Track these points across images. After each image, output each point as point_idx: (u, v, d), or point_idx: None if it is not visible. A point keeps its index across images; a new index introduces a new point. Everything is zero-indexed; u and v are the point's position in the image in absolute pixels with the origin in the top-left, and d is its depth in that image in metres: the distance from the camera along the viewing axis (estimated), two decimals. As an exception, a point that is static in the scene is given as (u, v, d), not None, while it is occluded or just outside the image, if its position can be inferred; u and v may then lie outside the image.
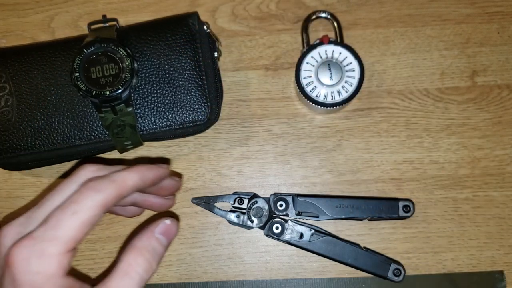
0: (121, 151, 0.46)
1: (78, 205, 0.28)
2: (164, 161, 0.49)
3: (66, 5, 0.51)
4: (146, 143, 0.47)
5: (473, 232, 0.47)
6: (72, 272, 0.29)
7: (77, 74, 0.42)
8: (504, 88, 0.48)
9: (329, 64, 0.44)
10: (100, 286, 0.28)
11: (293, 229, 0.46)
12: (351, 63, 0.45)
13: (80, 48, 0.42)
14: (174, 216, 0.48)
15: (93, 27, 0.46)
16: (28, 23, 0.51)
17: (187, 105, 0.44)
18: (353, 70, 0.44)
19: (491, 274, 0.46)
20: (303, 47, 0.48)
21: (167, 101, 0.44)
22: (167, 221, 0.31)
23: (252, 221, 0.46)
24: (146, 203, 0.39)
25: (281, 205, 0.46)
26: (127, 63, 0.42)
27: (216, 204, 0.47)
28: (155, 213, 0.44)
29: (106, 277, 0.29)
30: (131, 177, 0.31)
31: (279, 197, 0.46)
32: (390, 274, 0.45)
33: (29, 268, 0.27)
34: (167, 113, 0.44)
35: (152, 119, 0.44)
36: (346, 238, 0.47)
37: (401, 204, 0.45)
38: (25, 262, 0.27)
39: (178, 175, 0.47)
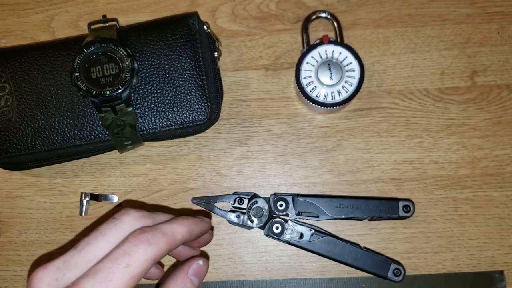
0: (121, 151, 0.46)
1: (131, 258, 0.26)
2: (206, 214, 0.47)
3: (66, 5, 0.51)
4: (146, 143, 0.47)
5: (473, 232, 0.47)
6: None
7: (77, 74, 0.42)
8: (504, 88, 0.48)
9: (329, 64, 0.44)
10: None
11: (293, 229, 0.46)
12: (351, 63, 0.45)
13: (80, 48, 0.42)
14: (204, 255, 0.47)
15: (93, 27, 0.46)
16: (28, 23, 0.51)
17: (187, 105, 0.44)
18: (353, 70, 0.44)
19: (491, 274, 0.46)
20: (303, 47, 0.48)
21: (167, 101, 0.44)
22: (200, 262, 0.31)
23: (252, 221, 0.46)
24: (174, 253, 0.36)
25: (281, 205, 0.46)
26: (127, 63, 0.42)
27: (216, 204, 0.47)
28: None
29: None
30: (181, 231, 0.30)
31: (279, 197, 0.46)
32: (390, 274, 0.45)
33: None
34: (167, 113, 0.44)
35: (152, 119, 0.44)
36: (346, 238, 0.47)
37: (401, 204, 0.45)
38: None
39: (211, 228, 0.44)
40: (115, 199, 0.48)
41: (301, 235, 0.45)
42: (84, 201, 0.48)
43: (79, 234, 0.48)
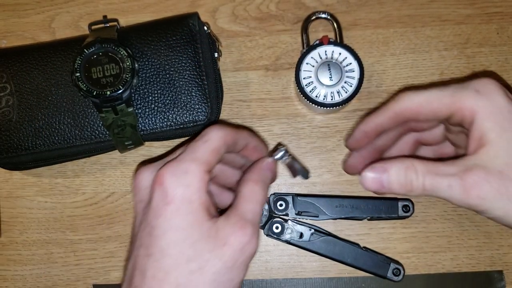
0: (121, 151, 0.46)
1: (207, 136, 0.34)
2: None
3: (67, 6, 0.51)
4: (146, 143, 0.47)
5: (472, 232, 0.47)
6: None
7: (78, 74, 0.42)
8: (503, 89, 0.48)
9: (329, 64, 0.45)
10: (233, 210, 0.34)
11: (293, 229, 0.46)
12: (350, 63, 0.45)
13: (81, 48, 0.43)
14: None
15: (93, 27, 0.46)
16: (29, 24, 0.51)
17: (188, 105, 0.44)
18: (353, 71, 0.45)
19: (490, 274, 0.46)
20: (303, 47, 0.48)
21: (167, 101, 0.44)
22: (269, 160, 0.39)
23: (252, 221, 0.46)
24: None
25: (281, 205, 0.46)
26: (128, 63, 0.42)
27: (216, 204, 0.47)
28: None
29: (231, 206, 0.34)
30: (245, 131, 0.38)
31: (279, 196, 0.46)
32: (389, 274, 0.45)
33: (180, 182, 0.32)
34: (168, 113, 0.44)
35: (153, 119, 0.44)
36: (346, 237, 0.47)
37: (400, 204, 0.46)
38: (175, 178, 0.32)
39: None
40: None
41: (301, 235, 0.46)
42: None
43: (79, 234, 0.48)
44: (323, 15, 0.48)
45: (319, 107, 0.44)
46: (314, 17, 0.48)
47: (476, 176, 0.32)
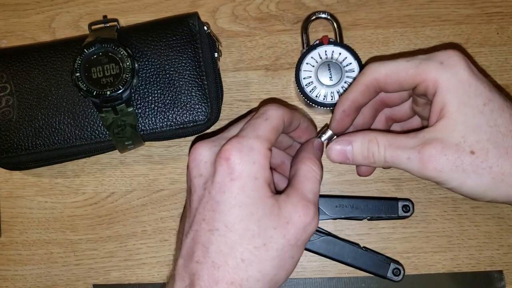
0: (121, 151, 0.46)
1: (267, 114, 0.35)
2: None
3: (67, 6, 0.51)
4: (146, 142, 0.47)
5: (472, 232, 0.47)
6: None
7: (78, 74, 0.42)
8: (503, 89, 0.48)
9: (329, 64, 0.45)
10: (294, 189, 0.34)
11: (293, 229, 0.46)
12: (350, 63, 0.45)
13: (81, 48, 0.43)
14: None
15: (93, 27, 0.46)
16: (29, 24, 0.51)
17: (188, 105, 0.44)
18: (353, 71, 0.45)
19: (490, 274, 0.46)
20: (303, 47, 0.48)
21: (167, 101, 0.44)
22: (319, 140, 0.40)
23: (252, 221, 0.46)
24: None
25: (281, 205, 0.46)
26: (128, 63, 0.42)
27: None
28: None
29: (290, 184, 0.35)
30: (298, 112, 0.38)
31: (279, 197, 0.46)
32: (389, 274, 0.45)
33: (247, 159, 0.32)
34: (168, 113, 0.44)
35: (153, 119, 0.44)
36: (346, 237, 0.47)
37: (400, 204, 0.45)
38: (241, 154, 0.32)
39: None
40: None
41: (301, 235, 0.46)
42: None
43: (79, 234, 0.48)
44: (323, 15, 0.48)
45: (319, 107, 0.44)
46: (314, 17, 0.48)
47: (433, 149, 0.33)
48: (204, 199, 0.33)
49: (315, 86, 0.45)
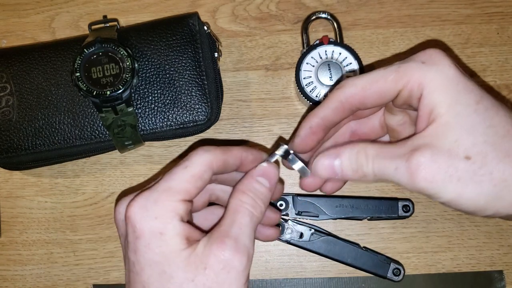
0: (121, 151, 0.46)
1: (189, 161, 0.31)
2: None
3: (67, 6, 0.51)
4: (146, 142, 0.47)
5: (472, 232, 0.47)
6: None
7: (78, 74, 0.42)
8: (503, 88, 0.48)
9: (329, 64, 0.45)
10: (216, 228, 0.31)
11: (293, 229, 0.46)
12: (351, 63, 0.45)
13: (81, 48, 0.43)
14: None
15: (93, 27, 0.46)
16: (29, 24, 0.51)
17: (188, 105, 0.44)
18: (353, 71, 0.45)
19: (490, 274, 0.46)
20: (303, 47, 0.48)
21: (167, 101, 0.44)
22: (264, 164, 0.34)
23: (252, 221, 0.46)
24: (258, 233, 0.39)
25: (281, 205, 0.46)
26: (128, 63, 0.42)
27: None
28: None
29: (219, 221, 0.31)
30: (237, 148, 0.33)
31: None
32: (389, 274, 0.45)
33: (147, 214, 0.30)
34: (168, 113, 0.44)
35: (153, 119, 0.44)
36: (346, 237, 0.47)
37: (400, 204, 0.46)
38: (142, 210, 0.30)
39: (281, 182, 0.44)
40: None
41: (301, 235, 0.46)
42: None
43: (79, 234, 0.48)
44: (323, 15, 0.48)
45: (319, 107, 0.44)
46: (314, 17, 0.48)
47: (421, 156, 0.29)
48: (125, 260, 0.32)
49: (315, 86, 0.45)
